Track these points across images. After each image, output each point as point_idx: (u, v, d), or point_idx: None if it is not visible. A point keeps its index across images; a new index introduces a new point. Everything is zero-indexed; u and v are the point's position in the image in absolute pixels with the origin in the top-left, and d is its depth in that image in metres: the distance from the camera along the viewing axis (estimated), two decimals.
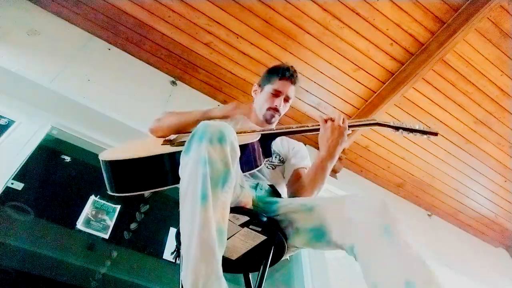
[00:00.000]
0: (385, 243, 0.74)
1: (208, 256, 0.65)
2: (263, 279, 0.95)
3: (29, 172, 1.69)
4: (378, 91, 2.70)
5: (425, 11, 2.28)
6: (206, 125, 0.81)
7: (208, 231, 0.67)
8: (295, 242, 1.01)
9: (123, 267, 1.75)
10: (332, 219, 0.90)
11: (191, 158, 0.77)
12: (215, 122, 0.83)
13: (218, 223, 0.71)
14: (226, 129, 0.81)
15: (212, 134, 0.78)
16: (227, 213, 0.77)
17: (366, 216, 0.81)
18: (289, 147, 1.41)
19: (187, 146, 0.80)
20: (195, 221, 0.68)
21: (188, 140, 0.80)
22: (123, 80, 2.37)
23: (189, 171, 0.76)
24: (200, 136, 0.78)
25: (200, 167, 0.74)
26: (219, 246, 0.68)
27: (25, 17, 2.22)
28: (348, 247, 0.83)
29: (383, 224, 0.77)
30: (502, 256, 3.74)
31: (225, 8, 2.31)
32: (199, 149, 0.76)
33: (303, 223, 0.97)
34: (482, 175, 3.16)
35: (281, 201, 1.09)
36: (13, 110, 1.85)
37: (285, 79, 1.36)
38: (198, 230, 0.67)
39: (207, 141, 0.77)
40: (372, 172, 3.20)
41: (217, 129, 0.80)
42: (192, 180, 0.74)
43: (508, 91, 2.62)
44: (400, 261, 0.71)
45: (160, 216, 1.95)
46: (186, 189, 0.74)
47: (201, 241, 0.66)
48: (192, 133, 0.81)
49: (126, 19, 2.38)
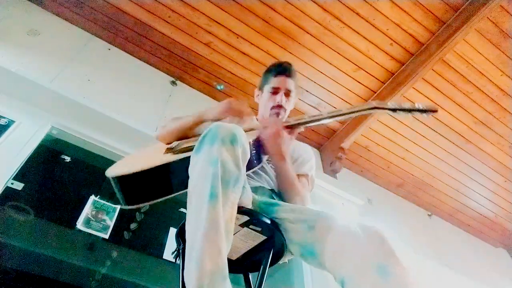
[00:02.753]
0: (378, 284, 0.69)
1: (214, 254, 0.64)
2: (263, 279, 0.95)
3: (29, 172, 1.69)
4: (378, 91, 2.70)
5: (425, 11, 2.28)
6: (218, 126, 0.81)
7: (216, 229, 0.67)
8: (290, 248, 1.01)
9: (123, 267, 1.75)
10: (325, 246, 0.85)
11: (201, 158, 0.77)
12: (227, 124, 0.83)
13: (226, 223, 0.71)
14: (238, 131, 0.82)
15: (224, 135, 0.79)
16: (235, 213, 0.77)
17: (360, 253, 0.76)
18: (294, 151, 1.35)
19: (198, 146, 0.80)
20: (201, 219, 0.68)
21: (200, 140, 0.81)
22: (123, 80, 2.37)
23: (199, 170, 0.76)
24: (212, 137, 0.79)
25: (210, 167, 0.74)
26: (227, 246, 0.68)
27: (25, 17, 2.22)
28: (339, 279, 0.78)
29: (378, 263, 0.71)
30: (502, 256, 3.75)
31: (225, 8, 2.31)
32: (210, 149, 0.76)
33: (297, 236, 0.95)
34: (482, 175, 3.16)
35: (281, 204, 1.06)
36: (13, 110, 1.85)
37: (280, 74, 1.36)
38: (205, 227, 0.66)
39: (219, 142, 0.77)
40: (372, 172, 3.20)
41: (230, 130, 0.80)
42: (201, 178, 0.74)
43: (508, 91, 2.62)
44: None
45: (160, 216, 1.95)
46: (194, 187, 0.75)
47: (208, 238, 0.65)
48: (204, 133, 0.81)
49: (126, 19, 2.38)
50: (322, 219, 0.94)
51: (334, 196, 2.66)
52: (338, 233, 0.85)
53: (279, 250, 1.02)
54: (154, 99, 2.43)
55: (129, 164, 1.10)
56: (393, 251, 0.75)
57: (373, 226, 0.82)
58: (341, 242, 0.82)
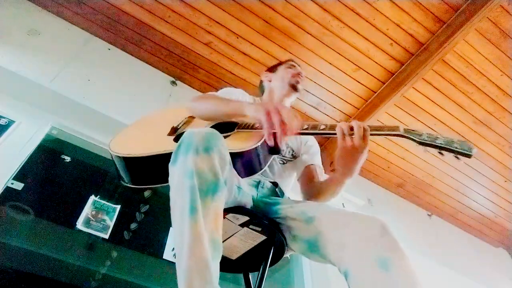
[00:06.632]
0: (380, 278, 0.70)
1: (201, 269, 0.63)
2: (263, 279, 0.95)
3: (29, 172, 1.69)
4: (378, 91, 2.70)
5: (425, 11, 2.28)
6: (191, 134, 0.77)
7: (200, 243, 0.66)
8: (292, 247, 1.01)
9: (123, 267, 1.75)
10: (328, 239, 0.86)
11: (178, 170, 0.75)
12: (201, 130, 0.79)
13: (211, 234, 0.69)
14: (213, 137, 0.78)
15: (197, 143, 0.75)
16: (220, 221, 0.75)
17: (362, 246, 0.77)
18: (302, 141, 1.34)
19: (174, 157, 0.77)
20: (184, 234, 0.67)
21: (175, 151, 0.78)
22: (123, 80, 2.37)
23: (176, 184, 0.74)
24: (186, 147, 0.75)
25: (186, 179, 0.71)
26: (214, 256, 0.67)
27: (25, 17, 2.22)
28: (342, 271, 0.79)
29: (380, 257, 0.72)
30: (502, 256, 3.74)
31: (225, 8, 2.31)
32: (185, 161, 0.73)
33: (300, 232, 0.96)
34: (482, 175, 3.16)
35: (282, 202, 1.06)
36: (13, 110, 1.85)
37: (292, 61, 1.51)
38: (188, 243, 0.65)
39: (193, 152, 0.73)
40: (372, 172, 3.20)
41: (203, 137, 0.76)
42: (179, 193, 0.72)
43: (508, 91, 2.62)
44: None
45: (160, 216, 1.95)
46: (174, 203, 0.73)
47: (193, 254, 0.64)
48: (178, 143, 0.78)
49: (126, 19, 2.38)
50: (321, 210, 0.95)
51: None
52: (339, 225, 0.86)
53: (279, 249, 1.02)
54: (154, 99, 2.43)
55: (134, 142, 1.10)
56: (396, 242, 0.77)
57: (374, 217, 0.83)
58: (344, 233, 0.83)
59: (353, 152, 0.95)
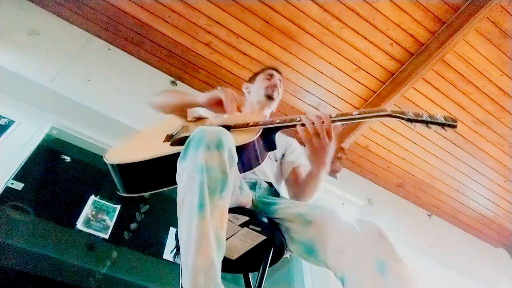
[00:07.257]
0: (378, 281, 0.70)
1: (207, 265, 0.64)
2: (263, 279, 0.95)
3: (29, 172, 1.69)
4: (378, 91, 2.70)
5: (425, 11, 2.28)
6: (203, 131, 0.78)
7: (207, 240, 0.66)
8: (290, 248, 1.02)
9: (123, 267, 1.75)
10: (325, 243, 0.86)
11: (188, 166, 0.75)
12: (212, 128, 0.81)
13: (216, 231, 0.70)
14: (224, 135, 0.79)
15: (209, 140, 0.76)
16: (225, 219, 0.75)
17: (359, 251, 0.77)
18: (286, 143, 1.41)
19: (183, 153, 0.78)
20: (192, 230, 0.67)
21: (185, 147, 0.79)
22: (123, 80, 2.37)
23: (186, 179, 0.74)
24: (197, 143, 0.76)
25: (197, 175, 0.72)
26: (218, 253, 0.68)
27: (25, 17, 2.22)
28: (339, 277, 0.79)
29: (378, 259, 0.73)
30: (502, 256, 3.74)
31: (225, 8, 2.31)
32: (196, 156, 0.74)
33: (297, 235, 0.96)
34: (482, 175, 3.16)
35: (279, 202, 1.07)
36: (13, 110, 1.85)
37: (272, 69, 1.59)
38: (195, 240, 0.66)
39: (204, 148, 0.74)
40: (372, 172, 3.20)
41: (215, 135, 0.77)
42: (188, 188, 0.72)
43: (508, 91, 2.62)
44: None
45: (160, 216, 1.95)
46: (183, 198, 0.73)
47: (200, 251, 0.65)
48: (189, 139, 0.79)
49: (126, 19, 2.38)
50: (319, 214, 0.95)
51: (334, 196, 2.65)
52: (337, 230, 0.86)
53: (279, 249, 1.02)
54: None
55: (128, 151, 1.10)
56: (392, 246, 0.77)
57: (371, 222, 0.84)
58: (341, 238, 0.83)
59: (323, 147, 1.01)
